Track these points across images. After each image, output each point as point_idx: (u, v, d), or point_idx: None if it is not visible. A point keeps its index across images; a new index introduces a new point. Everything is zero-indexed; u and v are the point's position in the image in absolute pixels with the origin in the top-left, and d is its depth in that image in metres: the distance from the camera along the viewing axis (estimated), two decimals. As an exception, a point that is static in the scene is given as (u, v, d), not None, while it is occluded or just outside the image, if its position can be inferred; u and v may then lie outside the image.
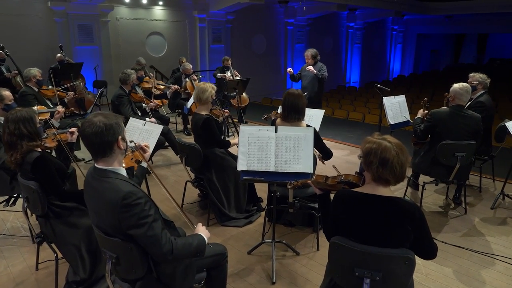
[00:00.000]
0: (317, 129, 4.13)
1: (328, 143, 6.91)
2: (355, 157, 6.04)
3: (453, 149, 3.76)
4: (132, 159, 2.80)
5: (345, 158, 6.02)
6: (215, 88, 4.03)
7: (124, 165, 2.62)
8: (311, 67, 6.05)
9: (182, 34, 12.20)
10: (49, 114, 4.39)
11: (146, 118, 5.21)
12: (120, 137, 1.91)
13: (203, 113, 3.88)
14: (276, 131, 2.94)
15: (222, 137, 4.26)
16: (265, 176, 2.89)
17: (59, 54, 8.67)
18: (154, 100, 5.71)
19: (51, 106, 5.41)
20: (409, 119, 5.27)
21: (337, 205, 1.90)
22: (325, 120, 9.09)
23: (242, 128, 3.00)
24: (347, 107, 11.17)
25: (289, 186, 2.33)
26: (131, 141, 2.52)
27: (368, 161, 1.79)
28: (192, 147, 3.70)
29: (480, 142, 4.04)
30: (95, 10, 9.98)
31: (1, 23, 8.83)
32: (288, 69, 6.41)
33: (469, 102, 4.54)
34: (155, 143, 3.59)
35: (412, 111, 10.08)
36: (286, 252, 3.37)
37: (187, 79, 7.49)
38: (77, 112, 8.41)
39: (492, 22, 17.83)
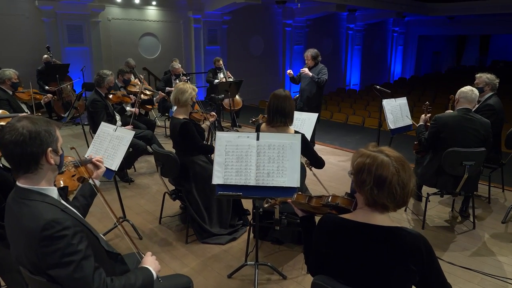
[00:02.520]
0: (309, 135, 3.76)
1: (325, 148, 6.57)
2: (353, 164, 5.65)
3: (460, 157, 3.37)
4: (73, 176, 2.36)
5: (342, 165, 5.62)
6: (196, 89, 3.65)
7: (63, 183, 2.23)
8: (305, 69, 5.68)
9: (176, 35, 11.82)
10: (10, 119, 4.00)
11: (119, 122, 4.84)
12: (50, 149, 1.52)
13: (181, 117, 3.50)
14: (257, 139, 2.55)
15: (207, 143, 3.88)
16: (244, 190, 2.49)
17: (45, 55, 8.32)
18: (136, 109, 5.30)
19: (26, 110, 5.05)
20: (412, 123, 4.89)
21: (320, 234, 1.51)
22: (323, 124, 8.78)
23: (219, 134, 2.61)
24: (347, 110, 10.79)
25: (265, 205, 1.94)
26: (82, 158, 2.10)
27: (360, 180, 1.40)
28: (168, 156, 3.31)
29: (489, 149, 3.64)
30: (85, 10, 9.61)
31: (-15, 23, 8.48)
32: (288, 71, 6.03)
33: (477, 105, 4.16)
34: (125, 150, 3.20)
35: (414, 114, 9.72)
36: (272, 275, 2.97)
37: (177, 80, 7.12)
38: (62, 116, 8.06)
39: (495, 23, 17.42)
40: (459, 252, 3.30)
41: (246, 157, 2.52)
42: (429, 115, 4.05)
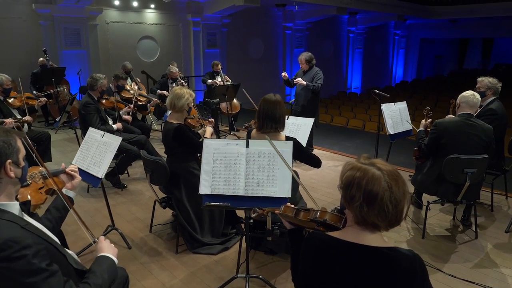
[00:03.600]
0: (305, 140, 3.64)
1: (323, 153, 6.43)
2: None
3: (461, 165, 3.23)
4: (41, 188, 2.22)
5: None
6: (193, 95, 3.53)
7: (30, 196, 2.10)
8: (299, 79, 5.55)
9: (175, 38, 11.75)
10: None
11: (114, 126, 4.72)
12: (9, 161, 1.40)
13: (175, 122, 3.37)
14: (247, 146, 2.43)
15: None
16: (233, 201, 2.37)
17: (41, 58, 8.24)
18: (129, 117, 5.14)
19: (18, 115, 4.94)
20: (413, 127, 4.77)
21: (306, 254, 1.38)
22: (322, 128, 8.65)
23: (206, 141, 2.49)
24: (347, 114, 10.66)
25: (253, 215, 1.81)
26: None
27: (349, 195, 1.28)
28: (156, 163, 3.18)
29: (492, 156, 3.51)
30: (83, 13, 9.54)
31: (-18, 26, 8.42)
32: (283, 74, 5.89)
33: (479, 110, 4.03)
34: (112, 157, 3.08)
35: (415, 118, 9.61)
36: (264, 288, 2.84)
37: (173, 84, 7.00)
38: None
39: (498, 27, 17.27)
40: (461, 263, 3.16)
41: (234, 166, 2.40)
42: (429, 120, 3.93)
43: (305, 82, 5.52)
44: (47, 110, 8.39)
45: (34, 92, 7.81)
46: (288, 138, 2.83)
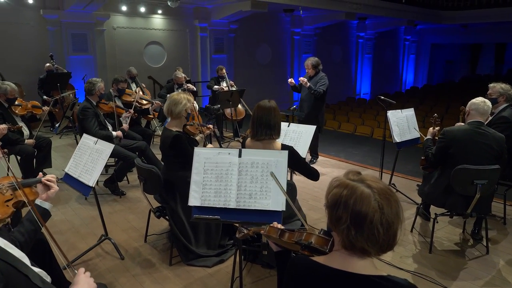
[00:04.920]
0: (306, 148, 3.50)
1: (328, 161, 6.26)
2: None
3: (471, 176, 3.05)
4: (8, 201, 2.07)
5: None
6: (192, 100, 3.42)
7: None
8: (304, 79, 5.46)
9: (182, 43, 11.72)
10: None
11: (113, 132, 4.64)
12: None
13: (174, 129, 3.27)
14: (240, 155, 2.30)
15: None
16: (223, 214, 2.24)
17: (48, 64, 8.25)
18: (126, 126, 5.00)
19: (21, 123, 4.89)
20: (421, 135, 4.59)
21: (288, 280, 1.23)
22: (329, 134, 8.47)
23: (197, 150, 2.36)
24: (355, 120, 10.47)
25: (238, 235, 1.68)
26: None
27: (336, 216, 1.13)
28: (150, 171, 3.07)
29: (504, 166, 3.32)
30: (90, 18, 9.57)
31: (-9, 32, 8.48)
32: (289, 80, 5.81)
33: (490, 118, 3.84)
34: (103, 165, 2.98)
35: (425, 125, 9.37)
36: (259, 305, 2.69)
37: (179, 90, 6.92)
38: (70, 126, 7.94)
39: (511, 31, 16.92)
40: (470, 281, 2.97)
41: (226, 176, 2.27)
42: (437, 128, 3.75)
43: (308, 84, 5.44)
44: (53, 115, 8.38)
45: (45, 97, 7.83)
46: (284, 147, 2.70)
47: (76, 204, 4.45)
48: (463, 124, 3.52)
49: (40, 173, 1.95)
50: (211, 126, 3.94)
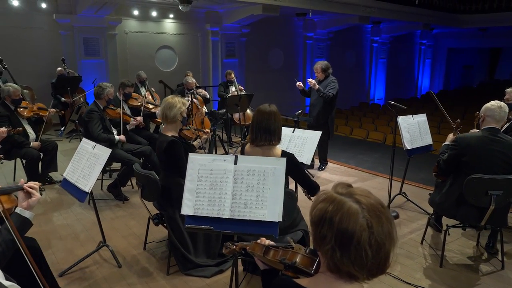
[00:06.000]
0: (311, 154, 3.37)
1: (338, 167, 6.08)
2: (366, 186, 5.14)
3: (485, 186, 2.88)
4: None
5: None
6: (187, 104, 3.34)
7: None
8: (312, 81, 5.34)
9: (193, 47, 11.71)
10: None
11: (116, 137, 4.58)
12: None
13: (169, 134, 3.18)
14: (235, 162, 2.18)
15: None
16: (217, 224, 2.12)
17: (59, 68, 8.31)
18: (122, 137, 4.85)
19: (27, 126, 4.89)
20: (431, 142, 4.41)
21: (271, 306, 1.11)
22: (340, 140, 8.30)
23: (191, 156, 2.26)
24: (368, 126, 10.25)
25: (224, 251, 1.56)
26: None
27: (320, 234, 1.01)
28: (147, 177, 2.98)
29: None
30: (102, 23, 9.63)
31: (5, 36, 8.59)
32: (298, 83, 5.68)
33: (507, 124, 3.66)
34: (100, 170, 2.91)
35: (441, 131, 9.13)
36: (256, 320, 2.56)
37: (189, 94, 6.86)
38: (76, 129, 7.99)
39: (532, 35, 16.46)
40: (484, 298, 2.79)
41: (221, 184, 2.16)
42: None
43: (317, 86, 5.31)
44: (64, 119, 8.43)
45: (62, 99, 7.89)
46: (284, 153, 2.58)
47: (79, 209, 4.40)
48: (477, 130, 3.34)
49: (22, 180, 1.88)
50: (208, 130, 3.84)
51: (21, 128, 4.36)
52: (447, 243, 3.39)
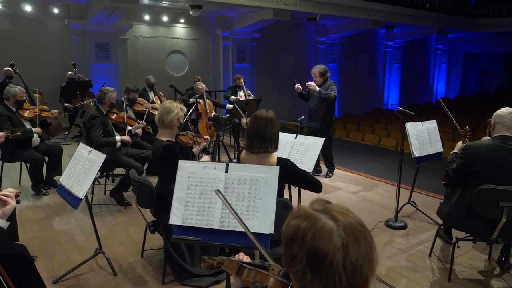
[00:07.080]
0: (314, 161, 3.26)
1: (346, 174, 5.93)
2: (373, 194, 5.00)
3: (496, 197, 2.71)
4: None
5: (363, 196, 4.97)
6: (185, 109, 3.27)
7: None
8: (311, 83, 5.23)
9: (204, 52, 11.71)
10: None
11: (118, 137, 4.55)
12: None
13: (165, 139, 3.11)
14: (226, 170, 2.09)
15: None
16: (205, 235, 2.03)
17: (70, 72, 8.39)
18: (127, 137, 4.77)
19: (29, 127, 4.90)
20: (442, 150, 4.24)
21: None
22: (350, 146, 8.14)
23: (181, 164, 2.18)
24: (380, 132, 10.04)
25: (202, 265, 1.46)
26: None
27: (290, 254, 0.90)
28: (142, 183, 2.92)
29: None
30: (113, 28, 9.71)
31: (17, 40, 8.73)
32: (296, 86, 5.57)
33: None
34: (94, 176, 2.85)
35: (455, 138, 8.86)
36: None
37: (199, 100, 6.82)
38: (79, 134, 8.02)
39: (552, 40, 15.98)
40: (494, 317, 2.61)
41: (210, 193, 2.07)
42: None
43: (318, 88, 5.20)
44: (73, 123, 8.49)
45: (66, 104, 7.96)
46: (280, 160, 2.48)
47: (81, 214, 4.36)
48: (489, 138, 3.17)
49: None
50: (207, 137, 3.76)
51: (19, 133, 4.36)
52: (456, 256, 3.23)
